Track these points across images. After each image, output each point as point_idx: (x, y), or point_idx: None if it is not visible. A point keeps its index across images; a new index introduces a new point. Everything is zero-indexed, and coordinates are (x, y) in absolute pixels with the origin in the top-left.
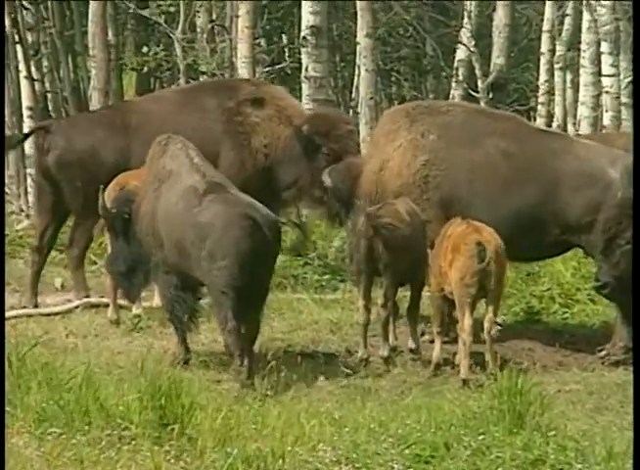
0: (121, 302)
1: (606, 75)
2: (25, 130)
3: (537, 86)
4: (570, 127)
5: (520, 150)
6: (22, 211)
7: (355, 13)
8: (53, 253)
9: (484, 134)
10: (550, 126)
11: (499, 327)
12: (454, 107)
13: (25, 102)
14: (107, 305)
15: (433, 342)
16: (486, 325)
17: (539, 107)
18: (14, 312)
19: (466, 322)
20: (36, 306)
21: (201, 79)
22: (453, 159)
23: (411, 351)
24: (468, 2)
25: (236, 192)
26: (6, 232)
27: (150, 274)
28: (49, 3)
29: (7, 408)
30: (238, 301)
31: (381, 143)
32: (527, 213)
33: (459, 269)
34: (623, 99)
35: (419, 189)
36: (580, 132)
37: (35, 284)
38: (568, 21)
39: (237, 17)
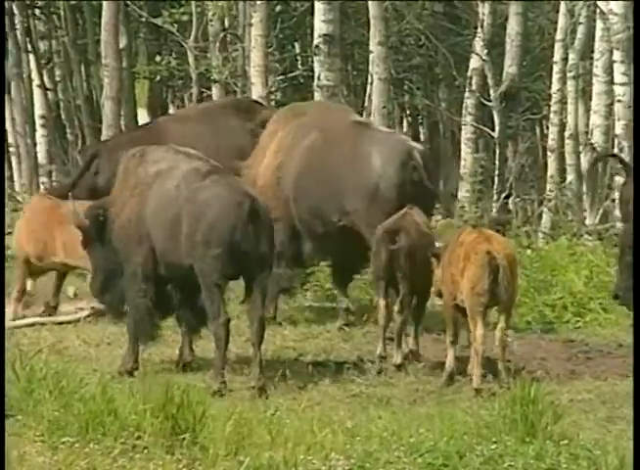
0: None
1: (618, 84)
2: (38, 139)
3: (550, 95)
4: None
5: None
6: None
7: (368, 21)
8: None
9: (310, 133)
10: (562, 135)
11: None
12: (311, 106)
13: (38, 111)
14: None
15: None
16: (498, 335)
17: (552, 115)
18: (27, 320)
19: (478, 332)
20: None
21: (214, 89)
22: (293, 160)
23: (412, 352)
24: (481, 11)
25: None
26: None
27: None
28: (62, 12)
29: (19, 416)
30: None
31: (263, 144)
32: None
33: (470, 279)
34: None
35: (272, 189)
36: (593, 141)
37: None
38: (581, 29)
39: (250, 25)
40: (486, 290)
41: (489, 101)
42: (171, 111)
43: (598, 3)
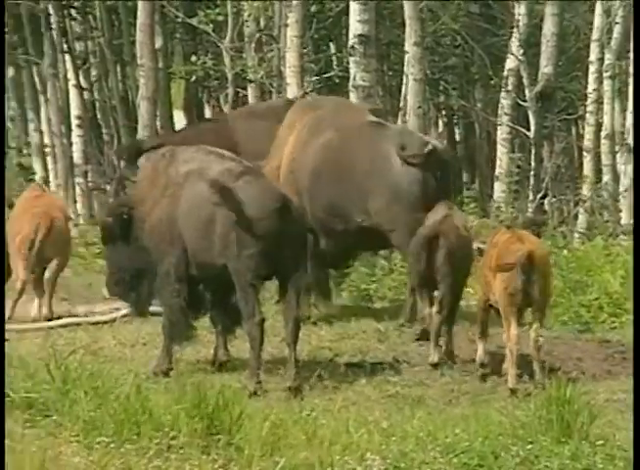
0: None
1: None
2: (74, 139)
3: (585, 95)
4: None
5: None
6: (71, 219)
7: (403, 22)
8: (101, 261)
9: (325, 129)
10: (598, 135)
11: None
12: (328, 102)
13: (74, 111)
14: (154, 314)
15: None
16: (533, 335)
17: (587, 115)
18: (63, 321)
19: (512, 332)
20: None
21: (249, 89)
22: (304, 153)
23: (447, 353)
24: (516, 12)
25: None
26: None
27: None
28: (97, 12)
29: (54, 417)
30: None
31: (282, 136)
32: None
33: (503, 279)
34: None
35: (287, 181)
36: (629, 141)
37: None
38: (617, 29)
39: (285, 26)
40: (519, 290)
41: (525, 101)
42: (207, 111)
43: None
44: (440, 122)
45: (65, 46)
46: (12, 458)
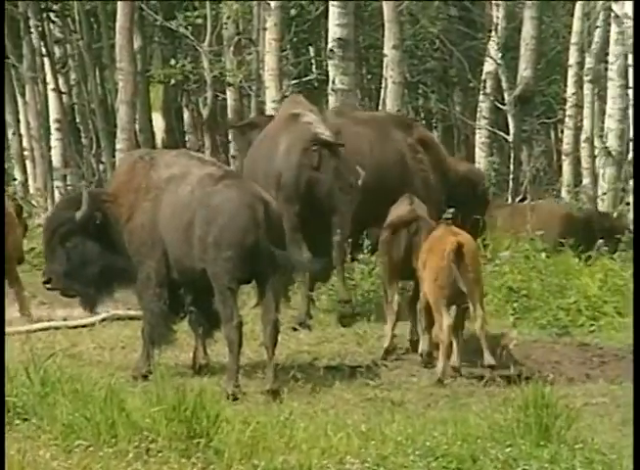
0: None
1: (633, 87)
2: (53, 143)
3: (564, 99)
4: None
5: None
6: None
7: (382, 25)
8: None
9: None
10: (578, 139)
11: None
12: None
13: (53, 114)
14: (133, 318)
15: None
16: (478, 321)
17: (567, 119)
18: (41, 325)
19: (443, 323)
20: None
21: (228, 92)
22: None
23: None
24: (495, 15)
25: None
26: (33, 245)
27: (114, 285)
28: (77, 16)
29: (33, 420)
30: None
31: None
32: None
33: (433, 271)
34: None
35: None
36: (607, 145)
37: None
38: (598, 33)
39: (264, 29)
40: (449, 282)
41: (504, 105)
42: (186, 115)
43: (613, 7)
44: None
45: (44, 50)
46: None
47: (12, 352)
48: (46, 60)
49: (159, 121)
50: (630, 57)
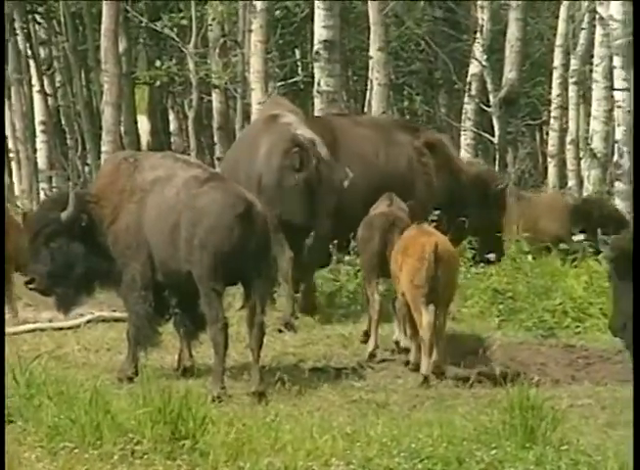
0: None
1: (618, 90)
2: (38, 145)
3: (549, 100)
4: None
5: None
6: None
7: (368, 27)
8: None
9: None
10: (563, 141)
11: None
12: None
13: (38, 116)
14: (118, 320)
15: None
16: (440, 320)
17: (552, 121)
18: (26, 326)
19: (423, 321)
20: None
21: (213, 94)
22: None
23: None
24: (480, 17)
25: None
26: None
27: (96, 288)
28: (62, 18)
29: (19, 423)
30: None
31: None
32: None
33: (409, 272)
34: None
35: None
36: (592, 147)
37: None
38: (583, 35)
39: (250, 31)
40: (425, 281)
41: (489, 106)
42: (171, 116)
43: (598, 9)
44: None
45: (29, 51)
46: None
47: None
48: (31, 62)
49: (144, 123)
50: (615, 59)
